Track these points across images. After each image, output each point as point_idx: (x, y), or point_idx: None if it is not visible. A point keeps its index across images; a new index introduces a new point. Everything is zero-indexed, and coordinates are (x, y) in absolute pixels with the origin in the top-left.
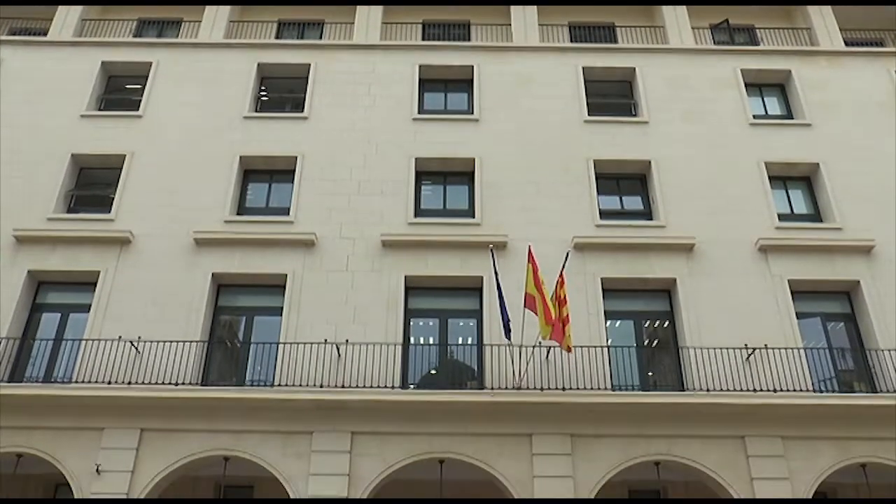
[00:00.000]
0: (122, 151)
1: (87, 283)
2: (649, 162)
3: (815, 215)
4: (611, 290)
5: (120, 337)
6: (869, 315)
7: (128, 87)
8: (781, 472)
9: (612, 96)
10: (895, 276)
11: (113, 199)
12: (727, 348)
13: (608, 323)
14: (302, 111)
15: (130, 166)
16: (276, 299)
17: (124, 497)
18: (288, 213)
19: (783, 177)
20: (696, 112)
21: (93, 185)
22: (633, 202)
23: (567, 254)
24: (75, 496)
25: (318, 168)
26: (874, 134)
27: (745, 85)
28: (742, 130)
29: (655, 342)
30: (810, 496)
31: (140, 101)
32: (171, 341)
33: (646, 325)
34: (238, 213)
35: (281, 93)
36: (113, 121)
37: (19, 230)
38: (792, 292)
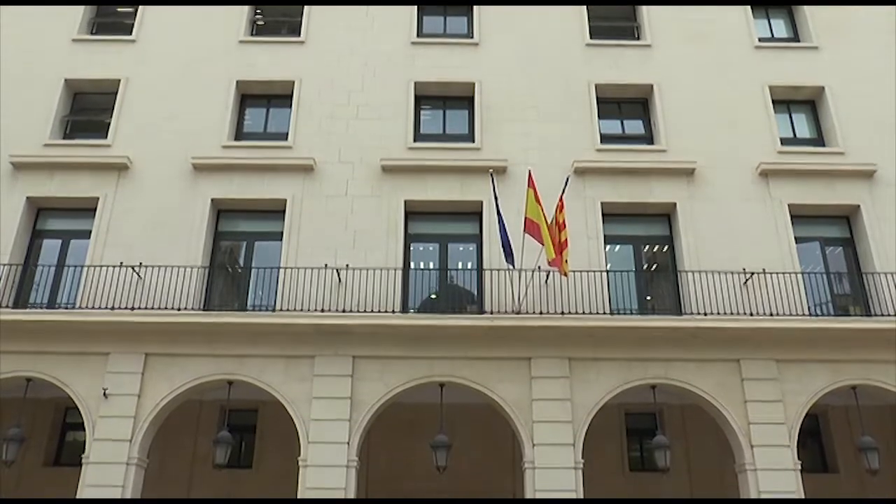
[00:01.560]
0: (116, 76)
1: (86, 209)
2: (651, 86)
3: (818, 139)
4: (610, 214)
5: (121, 263)
6: (867, 239)
7: (120, 10)
8: (775, 394)
9: (614, 19)
10: (895, 200)
11: (109, 124)
12: (725, 272)
13: (607, 247)
14: (299, 35)
15: (125, 91)
16: (275, 224)
17: (130, 420)
18: (286, 138)
19: (787, 101)
20: (700, 35)
21: (88, 110)
22: (635, 126)
23: (567, 178)
24: (84, 419)
25: (315, 93)
26: (881, 58)
27: (751, 7)
28: (747, 53)
29: (654, 266)
30: (802, 417)
31: (133, 24)
32: (173, 266)
33: (645, 250)
34: (236, 139)
35: (276, 17)
36: (106, 45)
37: (16, 156)
38: (791, 217)
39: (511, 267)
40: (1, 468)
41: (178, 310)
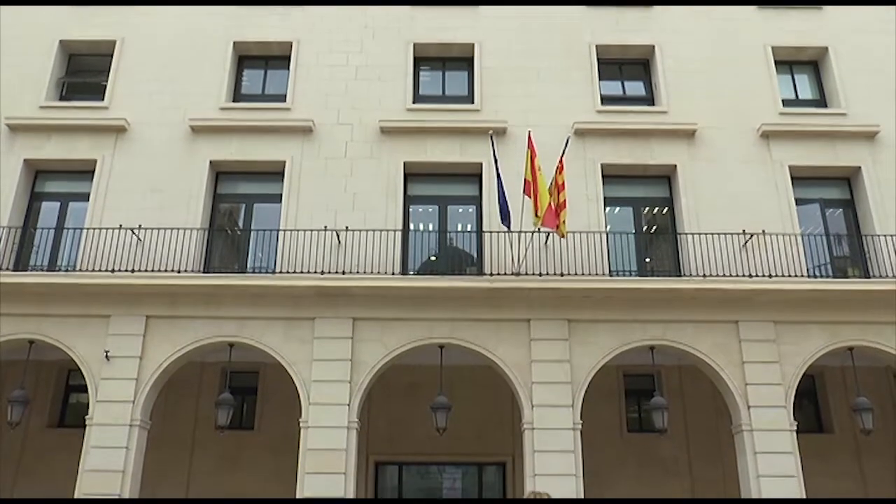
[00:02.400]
0: (112, 37)
1: (84, 171)
2: (652, 47)
3: (821, 101)
4: (610, 176)
5: (121, 225)
6: (868, 201)
7: None
8: (772, 355)
9: None
10: None
11: (105, 86)
12: (725, 234)
13: (607, 209)
14: None
15: (121, 53)
16: (275, 187)
17: (133, 381)
18: (284, 100)
19: (790, 61)
20: None
21: (84, 72)
22: (636, 88)
23: (567, 140)
24: (87, 381)
25: (313, 54)
26: (887, 19)
27: None
28: (749, 14)
29: (654, 228)
30: (799, 378)
31: None
32: (172, 229)
33: (645, 212)
34: (234, 101)
35: None
36: (101, 6)
37: (13, 118)
38: (792, 178)
39: (507, 229)
40: (5, 430)
41: (179, 272)
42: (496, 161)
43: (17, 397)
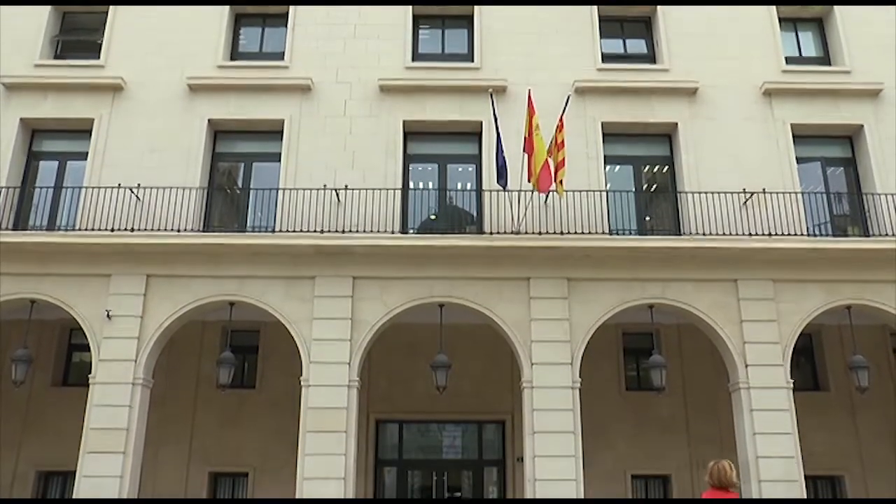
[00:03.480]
0: None
1: (81, 130)
2: (654, 4)
3: (825, 58)
4: (611, 134)
5: (119, 184)
6: (869, 159)
7: None
8: (770, 314)
9: None
10: None
11: (101, 44)
12: (725, 193)
13: (607, 167)
14: None
15: (116, 10)
16: (273, 145)
17: (134, 340)
18: (282, 58)
19: (794, 18)
20: None
21: (78, 30)
22: (637, 45)
23: (567, 98)
24: (89, 340)
25: (311, 11)
26: None
27: None
28: None
29: (654, 187)
30: (796, 337)
31: None
32: (171, 188)
33: (645, 170)
34: (231, 59)
35: None
36: None
37: (7, 77)
38: (794, 136)
39: (503, 188)
40: (10, 388)
41: (178, 231)
42: (496, 120)
43: (20, 356)
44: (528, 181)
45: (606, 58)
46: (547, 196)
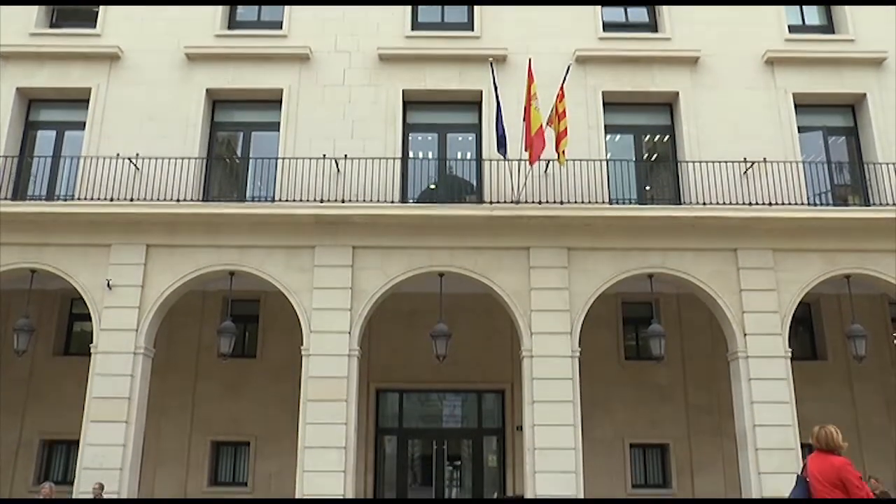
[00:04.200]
0: None
1: (79, 100)
2: None
3: (828, 26)
4: (612, 103)
5: (118, 154)
6: (872, 128)
7: None
8: (770, 283)
9: None
10: None
11: (97, 13)
12: (726, 162)
13: (608, 137)
14: None
15: None
16: (272, 115)
17: (135, 310)
18: (281, 27)
19: None
20: None
21: None
22: (638, 14)
23: (568, 67)
24: (90, 310)
25: None
26: None
27: None
28: None
29: (655, 156)
30: (795, 306)
31: None
32: (170, 158)
33: (645, 140)
34: (229, 28)
35: None
36: None
37: (3, 46)
38: (796, 105)
39: (503, 157)
40: (13, 358)
41: (178, 201)
42: (496, 89)
43: (22, 326)
44: (526, 149)
45: (607, 27)
46: (547, 165)
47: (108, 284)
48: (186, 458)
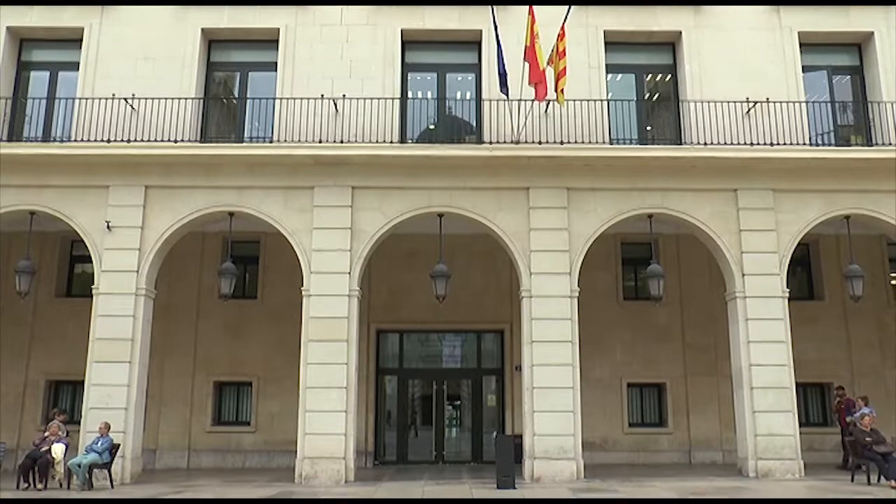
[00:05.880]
0: None
1: (72, 39)
2: None
3: None
4: (613, 43)
5: (114, 95)
6: (878, 67)
7: None
8: (769, 224)
9: None
10: None
11: None
12: (728, 102)
13: (609, 76)
14: None
15: None
16: (269, 55)
17: (136, 252)
18: None
19: None
20: None
21: None
22: None
23: (569, 6)
24: (90, 251)
25: None
26: None
27: None
28: None
29: (656, 96)
30: (794, 246)
31: None
32: (166, 98)
33: (647, 79)
34: None
35: None
36: None
37: None
38: (801, 45)
39: (506, 97)
40: (15, 300)
41: (175, 142)
42: (496, 28)
43: (23, 267)
44: (529, 84)
45: None
46: (547, 105)
47: (108, 226)
48: (190, 398)
